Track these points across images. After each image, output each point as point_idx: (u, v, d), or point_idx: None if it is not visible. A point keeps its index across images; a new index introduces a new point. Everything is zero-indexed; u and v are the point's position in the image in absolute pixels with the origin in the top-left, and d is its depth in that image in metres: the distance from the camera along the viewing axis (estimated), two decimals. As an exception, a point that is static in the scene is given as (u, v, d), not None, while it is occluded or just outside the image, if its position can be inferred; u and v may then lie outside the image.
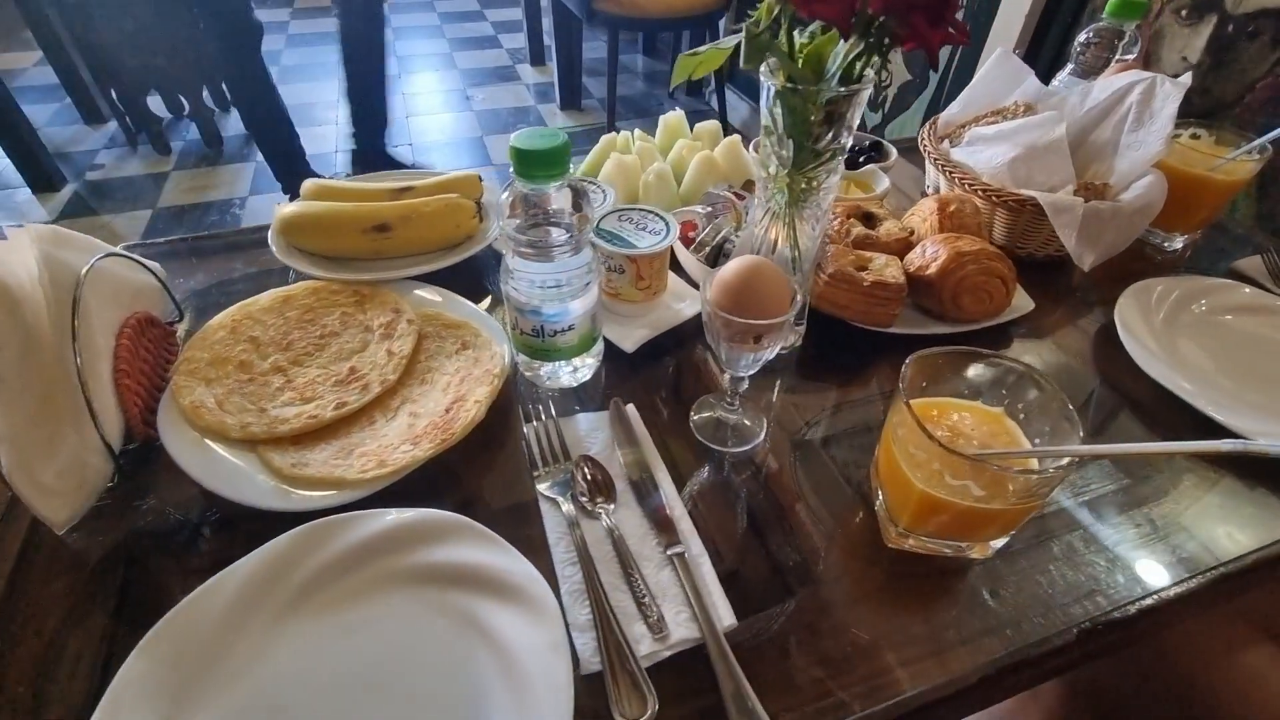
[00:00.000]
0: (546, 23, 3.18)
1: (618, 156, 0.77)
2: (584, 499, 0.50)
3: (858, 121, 0.51)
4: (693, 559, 0.47)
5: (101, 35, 2.35)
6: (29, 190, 2.40)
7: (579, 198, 0.50)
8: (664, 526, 0.49)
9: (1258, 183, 1.25)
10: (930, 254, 0.65)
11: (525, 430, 0.54)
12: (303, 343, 0.60)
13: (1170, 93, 0.71)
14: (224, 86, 2.46)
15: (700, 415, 0.58)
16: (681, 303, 0.68)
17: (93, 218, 2.34)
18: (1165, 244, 0.82)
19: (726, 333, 0.47)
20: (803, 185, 0.54)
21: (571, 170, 0.49)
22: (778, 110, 0.49)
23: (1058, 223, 0.69)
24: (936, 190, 0.86)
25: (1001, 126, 0.76)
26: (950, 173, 0.77)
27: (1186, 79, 0.72)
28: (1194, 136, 0.81)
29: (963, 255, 0.63)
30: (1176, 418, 0.60)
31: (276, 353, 0.59)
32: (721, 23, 2.62)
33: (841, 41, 0.45)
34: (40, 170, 2.38)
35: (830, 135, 0.50)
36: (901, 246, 0.70)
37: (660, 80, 3.40)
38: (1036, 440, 0.46)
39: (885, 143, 0.92)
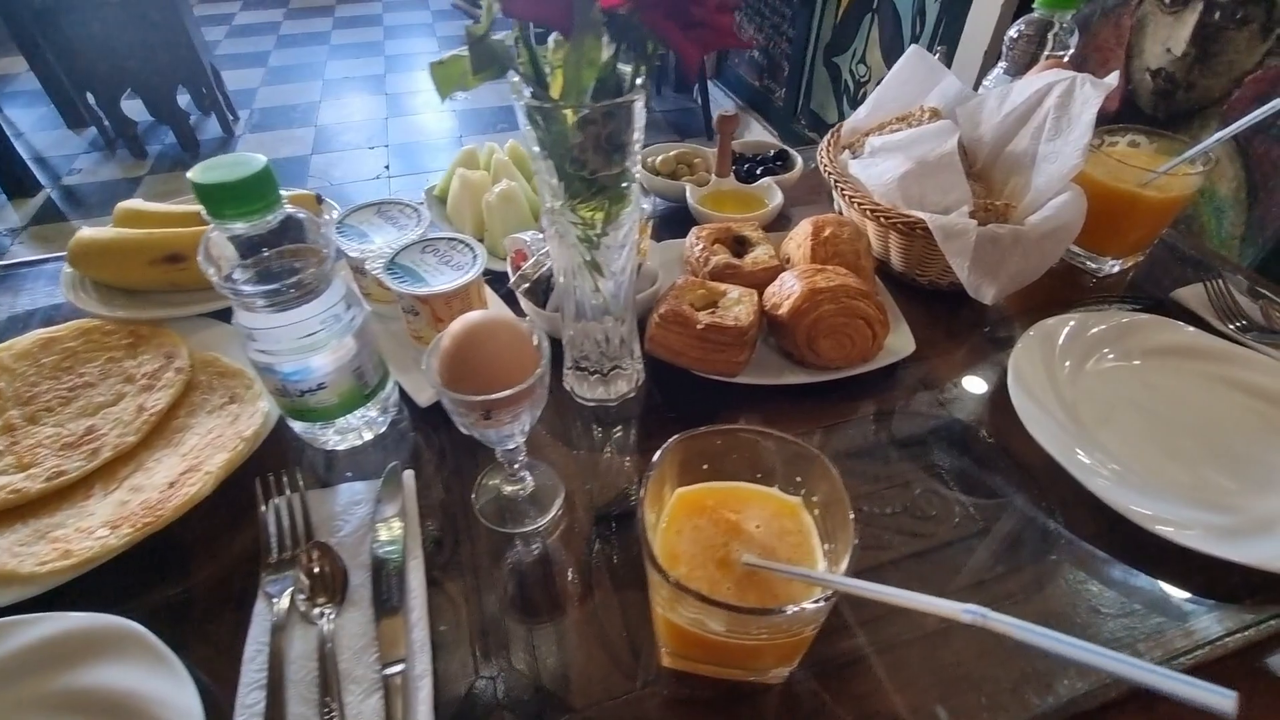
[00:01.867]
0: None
1: (463, 174, 0.68)
2: (302, 598, 0.42)
3: (638, 145, 0.42)
4: (412, 681, 0.38)
5: (71, 39, 2.33)
6: (4, 196, 2.40)
7: (300, 232, 0.42)
8: (391, 635, 0.40)
9: (1246, 188, 1.12)
10: (786, 289, 0.55)
11: (264, 508, 0.46)
12: (49, 395, 0.53)
13: (1090, 95, 0.60)
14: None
15: (483, 484, 0.50)
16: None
17: (62, 223, 2.32)
18: (1096, 268, 0.70)
19: (452, 406, 0.39)
20: (598, 224, 0.45)
21: (282, 200, 0.41)
22: (532, 132, 0.40)
23: (948, 250, 0.58)
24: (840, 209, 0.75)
25: (894, 136, 0.65)
26: (842, 189, 0.67)
27: (1112, 79, 0.61)
28: (1132, 144, 0.69)
29: (818, 293, 0.53)
30: (1075, 496, 0.49)
31: (15, 407, 0.52)
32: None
33: (581, 49, 0.36)
34: (13, 176, 2.38)
35: (600, 161, 0.41)
36: (769, 277, 0.60)
37: (651, 78, 3.29)
38: (827, 545, 0.36)
39: (793, 153, 0.82)
